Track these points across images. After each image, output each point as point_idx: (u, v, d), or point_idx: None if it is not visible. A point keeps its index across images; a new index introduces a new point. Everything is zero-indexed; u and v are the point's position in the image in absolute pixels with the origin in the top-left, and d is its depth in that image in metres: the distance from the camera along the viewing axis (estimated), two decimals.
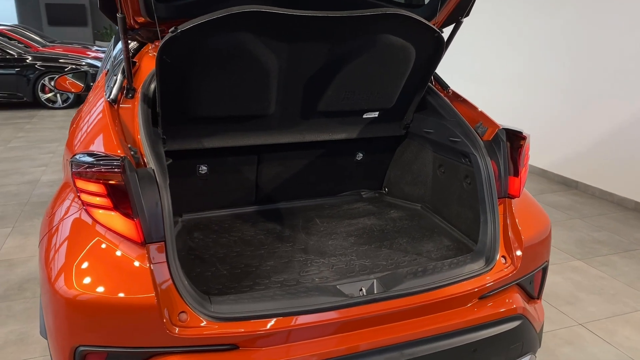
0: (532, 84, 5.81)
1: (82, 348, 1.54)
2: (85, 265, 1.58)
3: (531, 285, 2.11)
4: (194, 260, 2.09)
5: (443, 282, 1.81)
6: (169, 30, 1.78)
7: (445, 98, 2.38)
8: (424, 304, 1.76)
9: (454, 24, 2.33)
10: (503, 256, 1.96)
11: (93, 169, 1.55)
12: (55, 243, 1.70)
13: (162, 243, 1.59)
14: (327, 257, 2.14)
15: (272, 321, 1.60)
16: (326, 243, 2.26)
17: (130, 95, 2.06)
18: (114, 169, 1.53)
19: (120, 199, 1.55)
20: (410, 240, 2.29)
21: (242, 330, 1.57)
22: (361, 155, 2.77)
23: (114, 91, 2.04)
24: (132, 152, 1.72)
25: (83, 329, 1.54)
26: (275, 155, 2.56)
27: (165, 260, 1.59)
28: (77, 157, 1.65)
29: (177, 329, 1.53)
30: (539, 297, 2.20)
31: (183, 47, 1.84)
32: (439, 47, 2.20)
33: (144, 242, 1.59)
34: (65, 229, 1.72)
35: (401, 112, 2.54)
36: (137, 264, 1.56)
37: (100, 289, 1.53)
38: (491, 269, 1.91)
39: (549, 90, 5.60)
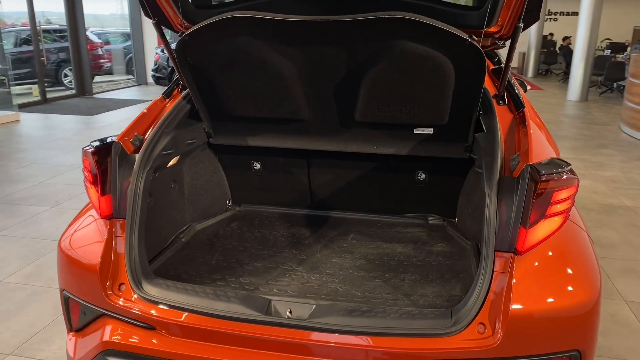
0: None
1: (65, 292, 1.91)
2: (72, 229, 1.95)
3: None
4: (205, 245, 2.26)
5: (378, 329, 1.55)
6: (179, 34, 1.97)
7: (497, 119, 1.92)
8: (344, 347, 1.55)
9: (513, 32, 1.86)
10: (482, 323, 1.55)
11: (85, 149, 1.88)
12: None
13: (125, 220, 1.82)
14: (312, 273, 2.03)
15: (180, 314, 1.66)
16: (329, 260, 2.13)
17: (183, 91, 2.34)
18: (89, 150, 1.83)
19: (95, 176, 1.85)
20: (419, 280, 1.97)
21: (155, 313, 1.68)
22: (424, 175, 2.45)
23: (171, 86, 2.36)
24: (132, 139, 1.99)
25: (63, 277, 1.90)
26: (324, 162, 2.50)
27: (123, 235, 1.82)
28: None
29: (113, 297, 1.75)
30: None
31: (195, 49, 2.00)
32: (478, 59, 1.81)
33: (112, 217, 1.86)
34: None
35: (462, 132, 2.16)
36: (98, 234, 1.84)
37: (72, 249, 1.86)
38: (455, 333, 1.53)
39: None
